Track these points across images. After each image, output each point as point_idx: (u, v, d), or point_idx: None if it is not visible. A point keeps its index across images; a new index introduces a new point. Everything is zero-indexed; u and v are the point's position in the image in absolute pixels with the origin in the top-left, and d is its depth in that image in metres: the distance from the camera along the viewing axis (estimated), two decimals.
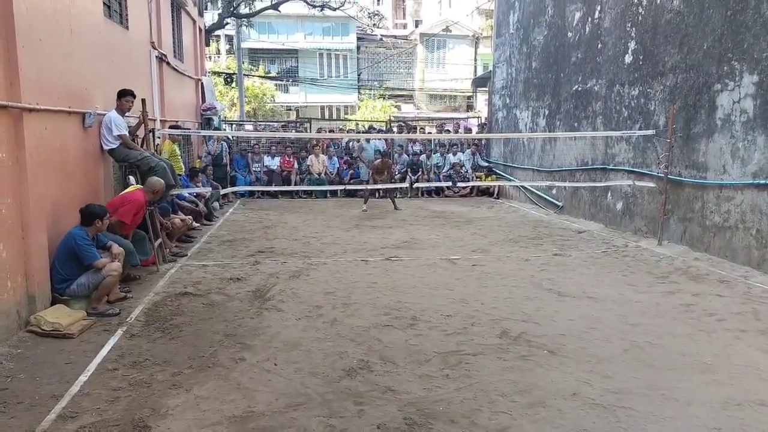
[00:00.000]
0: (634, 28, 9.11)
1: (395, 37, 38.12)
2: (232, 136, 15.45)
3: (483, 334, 4.64)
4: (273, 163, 14.54)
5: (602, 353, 4.26)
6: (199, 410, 3.37)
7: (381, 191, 13.77)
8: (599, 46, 10.14)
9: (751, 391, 3.65)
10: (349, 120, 27.05)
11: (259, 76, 32.59)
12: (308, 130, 17.56)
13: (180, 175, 9.08)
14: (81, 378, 3.79)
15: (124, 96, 6.67)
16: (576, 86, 11.02)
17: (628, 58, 9.30)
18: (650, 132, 8.63)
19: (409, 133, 17.55)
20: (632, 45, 9.16)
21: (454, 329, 4.75)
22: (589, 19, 10.47)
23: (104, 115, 6.60)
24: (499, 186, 14.50)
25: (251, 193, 14.15)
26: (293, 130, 17.28)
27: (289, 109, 33.55)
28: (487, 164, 15.37)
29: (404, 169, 14.85)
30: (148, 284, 6.10)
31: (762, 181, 6.60)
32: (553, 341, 4.50)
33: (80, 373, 3.86)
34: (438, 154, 15.31)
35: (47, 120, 5.18)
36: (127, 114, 6.87)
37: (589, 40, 10.50)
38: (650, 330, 4.76)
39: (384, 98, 34.70)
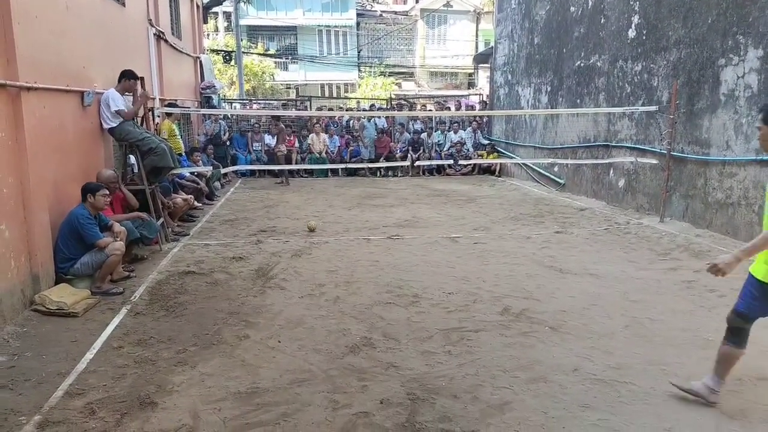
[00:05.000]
0: (637, 2, 8.97)
1: (395, 12, 37.58)
2: (232, 115, 15.35)
3: (485, 311, 4.67)
4: (274, 141, 14.46)
5: (603, 329, 4.29)
6: (204, 387, 3.41)
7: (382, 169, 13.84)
8: (602, 20, 10.00)
9: (751, 366, 3.67)
10: (350, 98, 26.85)
11: (258, 54, 32.23)
12: (308, 109, 17.44)
13: (180, 154, 9.05)
14: (87, 356, 3.83)
15: (130, 78, 6.65)
16: (578, 62, 10.90)
17: (631, 33, 9.18)
18: (653, 108, 8.56)
19: (410, 110, 17.42)
20: (636, 19, 9.03)
21: (456, 306, 4.78)
22: None
23: (103, 93, 6.55)
24: (500, 164, 14.44)
25: (252, 173, 14.12)
26: (293, 109, 17.17)
27: (288, 87, 33.28)
28: (488, 142, 15.29)
29: (405, 148, 14.78)
30: (151, 263, 6.13)
31: (765, 157, 6.57)
32: (555, 318, 4.52)
33: (86, 351, 3.90)
34: (439, 132, 15.23)
35: (46, 99, 5.14)
36: (126, 93, 6.82)
37: (591, 14, 10.36)
38: (651, 306, 4.79)
39: (384, 76, 34.36)
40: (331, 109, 18.69)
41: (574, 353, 3.88)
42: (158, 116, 8.58)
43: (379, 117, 15.34)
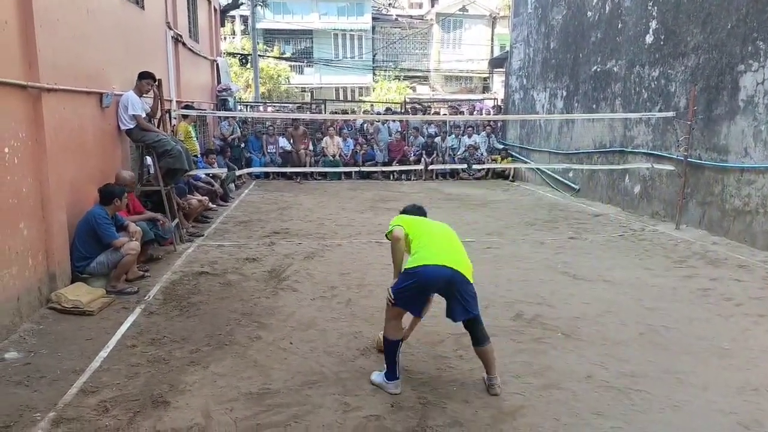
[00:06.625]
0: (655, 7, 8.90)
1: (411, 17, 37.65)
2: (246, 117, 15.47)
3: (497, 317, 4.64)
4: (288, 144, 14.55)
5: (617, 336, 4.25)
6: (216, 387, 3.43)
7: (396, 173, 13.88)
8: (619, 25, 9.93)
9: (766, 375, 3.62)
10: (364, 101, 26.92)
11: (273, 57, 32.48)
12: (323, 112, 17.50)
13: (195, 156, 9.13)
14: (101, 354, 3.87)
15: (145, 78, 6.71)
16: (595, 67, 10.83)
17: (648, 38, 9.10)
18: (670, 114, 8.48)
19: (424, 114, 17.40)
20: (653, 24, 8.96)
21: None
22: None
23: (121, 95, 6.64)
24: (514, 168, 14.38)
25: (266, 175, 14.21)
26: (308, 112, 17.24)
27: (303, 90, 33.45)
28: (502, 146, 15.23)
29: (419, 152, 14.78)
30: (165, 263, 6.18)
31: None
32: (568, 324, 4.49)
33: (100, 349, 3.94)
34: (453, 136, 15.20)
35: (65, 100, 5.22)
36: (144, 95, 6.91)
37: (609, 19, 10.29)
38: (666, 314, 4.73)
39: (399, 79, 34.42)
40: (345, 112, 18.71)
41: (588, 360, 3.84)
42: (175, 118, 8.67)
43: (393, 121, 15.36)
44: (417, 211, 3.83)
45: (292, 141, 14.12)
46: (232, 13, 27.60)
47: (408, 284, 3.29)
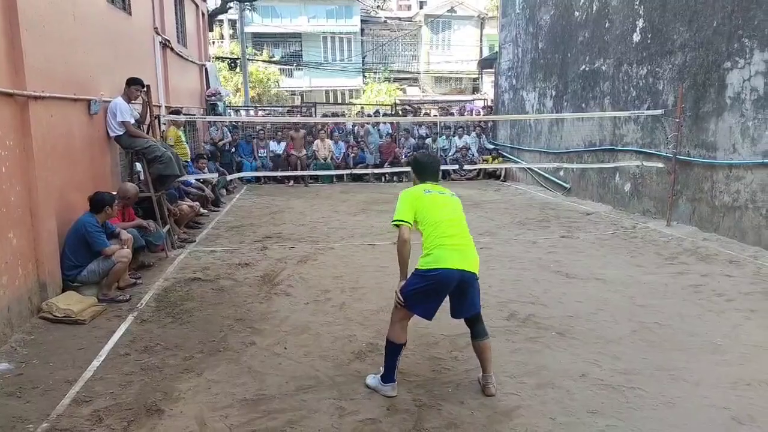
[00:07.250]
0: (642, 6, 8.97)
1: (399, 18, 37.71)
2: (237, 122, 15.41)
3: (491, 317, 4.64)
4: (279, 148, 14.52)
5: (611, 334, 4.27)
6: (210, 394, 3.41)
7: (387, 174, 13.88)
8: (607, 25, 10.00)
9: (761, 370, 3.65)
10: (354, 104, 26.91)
11: (263, 61, 32.40)
12: (313, 115, 17.48)
13: (186, 161, 9.09)
14: (94, 363, 3.84)
15: (134, 84, 6.66)
16: (583, 66, 10.89)
17: (636, 37, 9.17)
18: (659, 112, 8.54)
19: (414, 116, 17.42)
20: (640, 23, 9.03)
21: None
22: None
23: (110, 102, 6.60)
24: (505, 168, 14.43)
25: (257, 179, 14.17)
26: (298, 115, 17.21)
27: (293, 93, 33.41)
28: (493, 147, 15.28)
29: (410, 153, 14.78)
30: (157, 270, 6.14)
31: None
32: (562, 323, 4.50)
33: (93, 359, 3.91)
34: (444, 137, 15.23)
35: (53, 107, 5.18)
36: (132, 101, 6.86)
37: (596, 19, 10.36)
38: (659, 311, 4.76)
39: (389, 81, 34.45)
40: (336, 115, 18.67)
41: (582, 358, 3.86)
42: (164, 124, 8.63)
43: (384, 123, 15.36)
44: (429, 167, 3.66)
45: (292, 143, 14.01)
46: (220, 17, 27.49)
47: (422, 286, 3.24)
